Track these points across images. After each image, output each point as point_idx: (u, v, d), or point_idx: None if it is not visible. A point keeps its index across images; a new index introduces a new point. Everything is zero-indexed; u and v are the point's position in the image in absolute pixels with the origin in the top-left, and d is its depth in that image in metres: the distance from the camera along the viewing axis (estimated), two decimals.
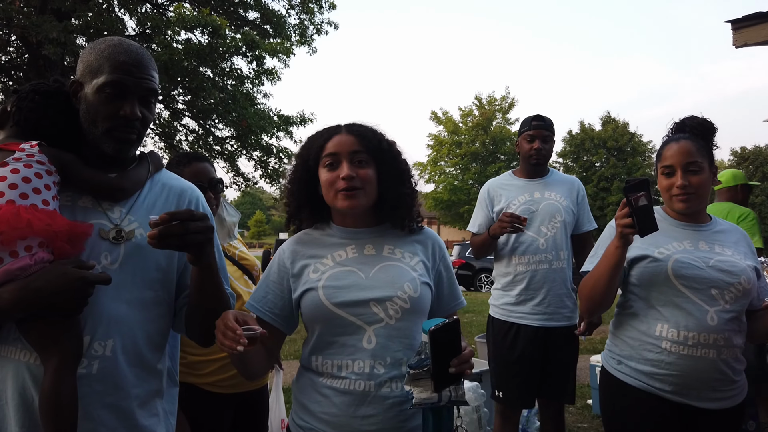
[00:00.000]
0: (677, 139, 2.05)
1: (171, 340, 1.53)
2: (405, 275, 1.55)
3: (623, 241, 1.84)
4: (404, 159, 1.67)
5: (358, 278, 1.54)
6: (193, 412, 2.03)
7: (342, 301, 1.50)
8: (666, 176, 2.04)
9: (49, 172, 1.32)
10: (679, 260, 1.95)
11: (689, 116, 2.22)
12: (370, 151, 1.58)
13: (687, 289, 1.93)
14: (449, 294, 1.69)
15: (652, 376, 1.95)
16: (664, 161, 2.04)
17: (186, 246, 1.25)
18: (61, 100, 1.42)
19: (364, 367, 1.47)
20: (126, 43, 1.40)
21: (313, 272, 1.56)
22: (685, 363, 1.90)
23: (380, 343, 1.48)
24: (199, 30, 10.38)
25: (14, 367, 1.29)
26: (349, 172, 1.53)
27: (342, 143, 1.57)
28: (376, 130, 1.64)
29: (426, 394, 1.35)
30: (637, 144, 34.53)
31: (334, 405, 1.47)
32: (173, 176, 1.59)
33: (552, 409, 3.13)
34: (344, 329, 1.50)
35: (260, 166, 13.04)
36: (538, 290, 3.01)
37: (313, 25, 12.73)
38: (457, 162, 33.03)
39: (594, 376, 4.87)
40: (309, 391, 1.54)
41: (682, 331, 1.91)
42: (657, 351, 1.94)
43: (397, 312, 1.50)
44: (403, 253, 1.61)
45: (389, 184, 1.60)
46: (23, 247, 1.22)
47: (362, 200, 1.56)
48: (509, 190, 3.18)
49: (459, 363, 1.33)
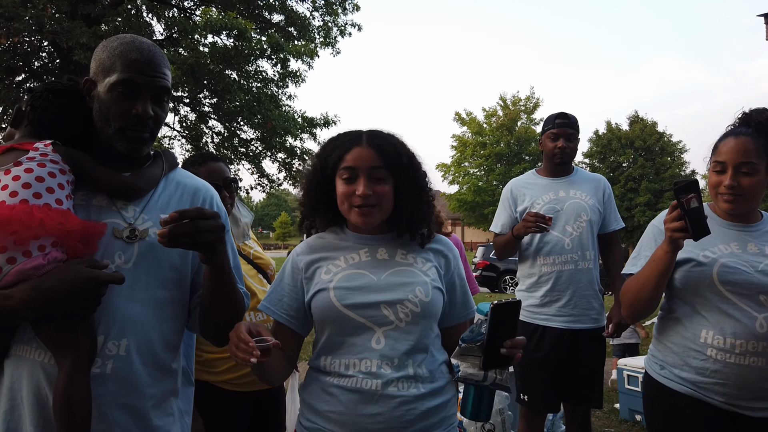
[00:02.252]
0: (737, 134, 1.89)
1: (186, 339, 1.53)
2: (416, 279, 1.54)
3: (673, 245, 1.74)
4: (423, 173, 1.64)
5: (369, 281, 1.53)
6: (207, 410, 2.03)
7: (352, 302, 1.49)
8: (716, 173, 1.91)
9: (62, 171, 1.32)
10: (725, 265, 1.84)
11: (759, 108, 2.01)
12: (389, 166, 1.55)
13: (734, 295, 1.82)
14: (462, 302, 1.67)
15: (697, 384, 1.86)
16: (718, 156, 1.90)
17: (196, 245, 1.24)
18: (75, 99, 1.42)
19: (371, 366, 1.46)
20: (138, 41, 1.39)
21: (325, 273, 1.56)
22: (732, 371, 1.80)
23: (389, 344, 1.48)
24: (225, 33, 10.51)
25: (29, 367, 1.29)
26: (366, 191, 1.51)
27: (362, 157, 1.54)
28: (397, 144, 1.60)
29: (473, 371, 1.40)
30: (666, 144, 33.89)
31: (341, 403, 1.46)
32: (188, 174, 1.58)
33: (578, 413, 3.06)
34: (354, 330, 1.49)
35: (284, 168, 13.14)
36: (563, 291, 2.95)
37: (337, 26, 12.80)
38: (481, 163, 32.84)
39: (622, 379, 4.77)
40: (317, 391, 1.53)
41: (729, 338, 1.81)
42: (702, 358, 1.85)
43: (407, 315, 1.50)
44: (416, 259, 1.60)
45: (406, 200, 1.58)
46: (36, 246, 1.21)
47: (376, 217, 1.55)
48: (533, 189, 3.12)
49: (512, 345, 1.39)
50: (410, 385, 1.46)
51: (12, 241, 1.19)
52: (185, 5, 12.22)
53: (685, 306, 1.93)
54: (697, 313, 1.89)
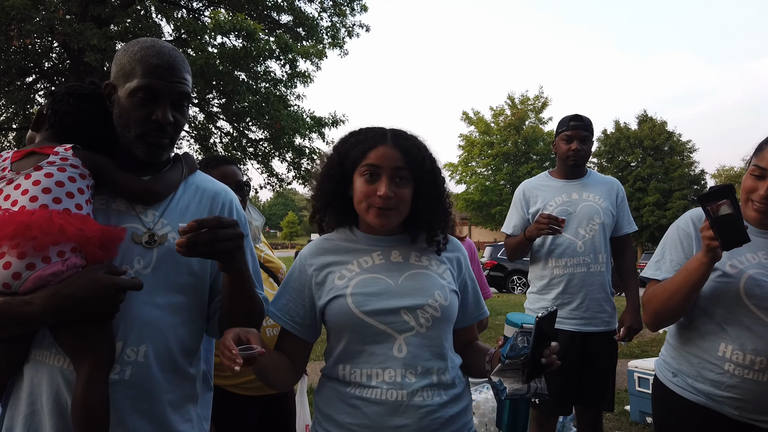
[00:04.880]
0: None
1: (206, 344, 1.51)
2: (435, 283, 1.52)
3: (710, 255, 1.64)
4: (443, 179, 1.60)
5: (387, 285, 1.49)
6: (217, 413, 2.04)
7: (372, 309, 1.45)
8: (755, 177, 1.78)
9: (82, 175, 1.31)
10: (753, 277, 1.75)
11: None
12: (412, 169, 1.51)
13: (759, 310, 1.74)
14: (474, 304, 1.66)
15: (711, 396, 1.80)
16: (761, 161, 1.77)
17: (215, 253, 1.23)
18: (96, 103, 1.41)
19: (395, 376, 1.43)
20: (158, 45, 1.37)
21: (338, 279, 1.51)
22: (749, 387, 1.74)
23: (411, 351, 1.44)
24: (233, 34, 10.54)
25: (49, 372, 1.29)
26: (387, 192, 1.46)
27: (386, 157, 1.49)
28: (422, 147, 1.56)
29: (518, 385, 1.37)
30: (675, 143, 33.69)
31: (365, 416, 1.43)
32: (207, 178, 1.56)
33: (589, 416, 3.06)
34: (374, 338, 1.46)
35: (293, 167, 13.17)
36: (575, 294, 2.94)
37: (345, 27, 12.82)
38: (488, 162, 32.78)
39: (632, 381, 4.75)
40: (335, 401, 1.49)
41: (749, 354, 1.73)
42: (718, 372, 1.79)
43: (427, 320, 1.47)
44: (431, 261, 1.57)
45: (424, 205, 1.54)
46: (56, 252, 1.21)
47: (394, 220, 1.52)
48: (546, 191, 3.11)
49: (551, 353, 1.35)
50: (434, 393, 1.44)
51: (32, 246, 1.18)
52: (194, 6, 12.26)
53: (705, 316, 1.85)
54: (718, 325, 1.82)
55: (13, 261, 1.18)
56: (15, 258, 1.18)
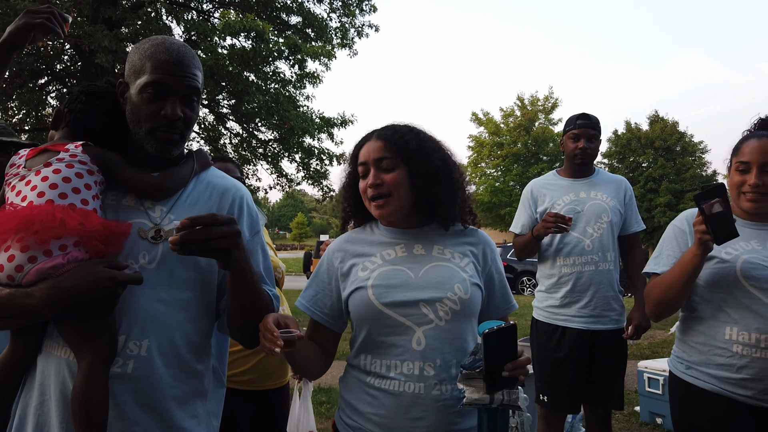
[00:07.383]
0: (760, 136, 1.97)
1: (219, 340, 1.50)
2: (455, 276, 1.52)
3: (703, 248, 1.80)
4: (439, 156, 1.60)
5: (407, 278, 1.51)
6: None
7: (391, 300, 1.48)
8: (740, 173, 1.98)
9: (90, 171, 1.33)
10: (747, 261, 1.90)
11: None
12: (396, 154, 1.55)
13: (757, 290, 1.87)
14: (501, 297, 1.65)
15: (725, 380, 1.90)
16: (741, 157, 1.98)
17: (209, 251, 1.21)
18: (110, 101, 1.43)
19: (413, 369, 1.44)
20: (168, 42, 1.38)
21: (361, 270, 1.55)
22: (759, 366, 1.84)
23: (430, 344, 1.45)
24: (243, 35, 10.60)
25: (57, 363, 1.31)
26: (374, 180, 1.54)
27: (369, 150, 1.58)
28: (404, 131, 1.59)
29: (478, 395, 1.35)
30: (687, 144, 33.39)
31: (384, 406, 1.46)
32: (220, 174, 1.55)
33: (598, 415, 3.04)
34: (393, 329, 1.48)
35: (302, 167, 13.22)
36: (583, 293, 2.93)
37: (354, 28, 12.87)
38: (498, 163, 32.63)
39: (642, 382, 4.72)
40: (357, 390, 1.53)
41: (754, 333, 1.85)
42: (728, 355, 1.89)
43: (446, 313, 1.48)
44: (453, 254, 1.58)
45: (422, 184, 1.56)
46: (58, 246, 1.23)
47: (393, 206, 1.55)
48: (553, 190, 3.10)
49: (513, 368, 1.32)
50: (453, 387, 1.44)
51: (33, 240, 1.21)
52: (204, 8, 12.34)
53: (708, 304, 1.97)
54: (721, 311, 1.93)
55: (16, 254, 1.21)
56: (18, 251, 1.21)
